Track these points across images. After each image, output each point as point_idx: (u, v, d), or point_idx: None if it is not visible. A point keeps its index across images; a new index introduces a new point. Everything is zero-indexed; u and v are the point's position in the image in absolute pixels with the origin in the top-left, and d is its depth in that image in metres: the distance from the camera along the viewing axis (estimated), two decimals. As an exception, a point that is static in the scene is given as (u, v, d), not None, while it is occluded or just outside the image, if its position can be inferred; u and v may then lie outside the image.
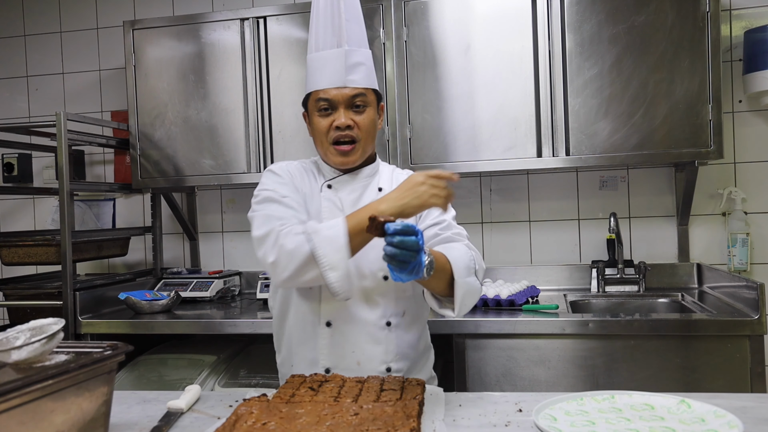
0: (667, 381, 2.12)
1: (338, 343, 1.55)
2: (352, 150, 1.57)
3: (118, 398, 1.28)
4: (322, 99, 1.56)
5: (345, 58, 1.54)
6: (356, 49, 1.57)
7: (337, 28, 1.55)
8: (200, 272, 3.08)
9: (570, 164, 2.53)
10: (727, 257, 2.78)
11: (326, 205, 1.60)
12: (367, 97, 1.58)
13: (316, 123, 1.59)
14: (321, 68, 1.56)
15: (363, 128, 1.57)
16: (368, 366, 1.55)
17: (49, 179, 3.39)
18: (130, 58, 2.89)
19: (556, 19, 2.50)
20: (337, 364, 1.56)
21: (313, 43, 1.60)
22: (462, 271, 1.43)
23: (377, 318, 1.55)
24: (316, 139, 1.62)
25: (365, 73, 1.58)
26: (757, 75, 2.62)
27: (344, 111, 1.55)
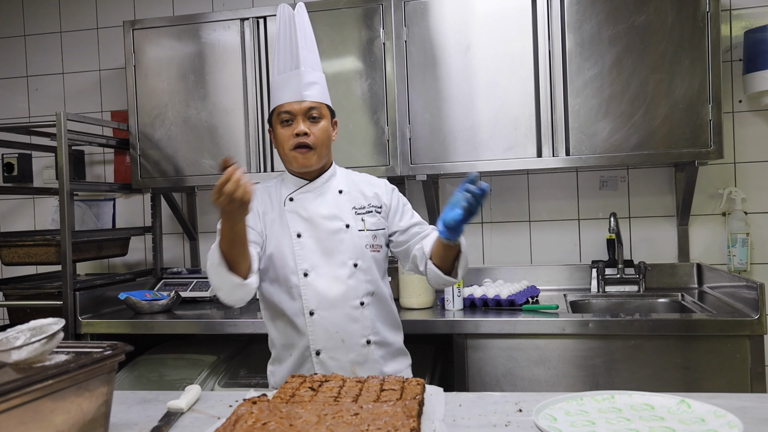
0: (667, 381, 2.12)
1: (322, 328, 1.78)
2: (310, 153, 1.79)
3: (118, 398, 1.28)
4: (283, 112, 1.79)
5: (301, 78, 1.79)
6: (310, 71, 1.82)
7: (295, 54, 1.80)
8: (200, 272, 3.08)
9: (570, 164, 2.53)
10: (727, 257, 2.78)
11: (291, 217, 1.82)
12: (321, 110, 1.81)
13: (280, 134, 1.81)
14: (282, 87, 1.81)
15: (318, 136, 1.79)
16: (351, 341, 1.79)
17: (49, 179, 3.39)
18: (130, 58, 2.89)
19: (556, 19, 2.50)
20: (326, 345, 1.78)
21: (275, 68, 1.85)
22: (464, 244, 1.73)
23: (351, 299, 1.79)
24: (280, 149, 1.83)
25: (319, 91, 1.82)
26: (757, 75, 2.62)
27: (302, 121, 1.78)
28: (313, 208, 1.82)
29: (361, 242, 1.81)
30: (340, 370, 1.77)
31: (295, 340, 1.81)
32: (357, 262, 1.80)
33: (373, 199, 1.88)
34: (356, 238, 1.81)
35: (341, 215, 1.82)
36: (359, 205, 1.85)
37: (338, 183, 1.88)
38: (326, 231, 1.80)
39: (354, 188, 1.89)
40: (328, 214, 1.81)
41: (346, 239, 1.80)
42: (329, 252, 1.80)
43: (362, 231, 1.82)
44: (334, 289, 1.78)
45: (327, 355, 1.78)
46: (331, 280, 1.78)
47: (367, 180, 1.94)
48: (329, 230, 1.80)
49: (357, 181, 1.92)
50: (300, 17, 1.85)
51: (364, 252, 1.81)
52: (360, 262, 1.80)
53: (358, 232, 1.82)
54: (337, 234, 1.80)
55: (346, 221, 1.82)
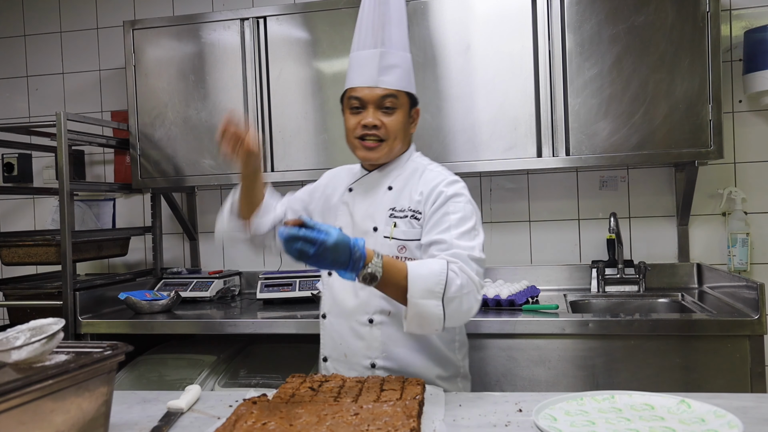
0: (667, 381, 2.12)
1: (330, 335, 1.67)
2: (378, 147, 1.60)
3: (118, 398, 1.28)
4: (353, 97, 1.60)
5: (379, 59, 1.57)
6: (393, 51, 1.59)
7: (378, 30, 1.59)
8: (200, 272, 3.08)
9: (570, 164, 2.53)
10: (727, 257, 2.78)
11: (342, 209, 1.68)
12: (398, 99, 1.59)
13: (347, 120, 1.63)
14: (357, 67, 1.61)
15: (390, 130, 1.59)
16: (353, 359, 1.61)
17: (49, 179, 3.38)
18: (130, 58, 2.89)
19: (556, 19, 2.50)
20: (331, 354, 1.68)
21: (354, 42, 1.65)
22: (418, 291, 1.36)
23: (359, 314, 1.61)
24: (347, 136, 1.65)
25: (399, 76, 1.60)
26: (757, 75, 2.62)
27: (373, 111, 1.58)
28: (359, 202, 1.65)
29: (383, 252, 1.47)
30: None
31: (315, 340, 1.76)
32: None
33: (417, 203, 1.60)
34: (380, 246, 1.56)
35: (375, 216, 1.62)
36: (399, 207, 1.61)
37: (395, 177, 1.65)
38: (357, 230, 1.62)
39: (408, 186, 1.63)
40: (366, 212, 1.63)
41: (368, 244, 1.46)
42: None
43: (387, 238, 1.57)
44: (344, 298, 1.62)
45: (332, 365, 1.67)
46: (345, 287, 1.61)
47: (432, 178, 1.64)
48: (359, 231, 1.62)
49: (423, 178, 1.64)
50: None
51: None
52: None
53: (382, 239, 1.58)
54: (363, 236, 1.55)
55: (377, 223, 1.61)
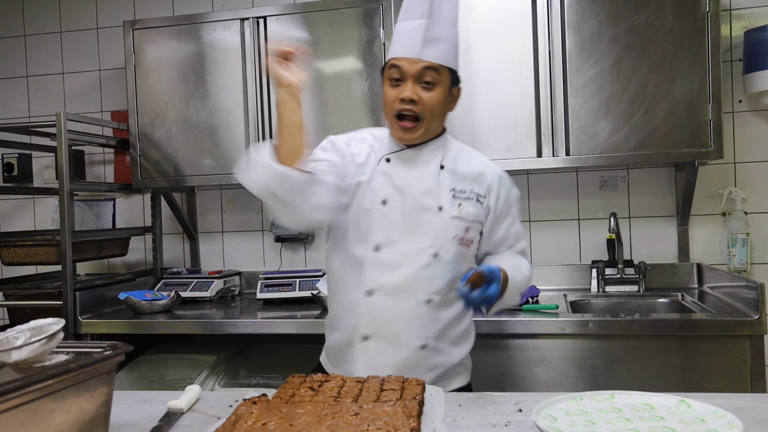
0: (667, 381, 2.12)
1: (376, 313, 1.57)
2: (414, 128, 1.55)
3: (118, 398, 1.28)
4: (394, 66, 1.54)
5: (424, 31, 1.51)
6: (440, 24, 1.53)
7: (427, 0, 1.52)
8: (200, 272, 3.08)
9: (570, 164, 2.53)
10: (727, 257, 2.78)
11: (382, 180, 1.58)
12: (439, 75, 1.53)
13: (385, 92, 1.57)
14: (401, 37, 1.55)
15: (428, 106, 1.53)
16: (404, 339, 1.56)
17: (49, 179, 3.39)
18: (130, 58, 2.89)
19: (556, 19, 2.50)
20: (375, 333, 1.57)
21: (402, 12, 1.58)
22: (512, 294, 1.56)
23: (420, 293, 1.56)
24: (384, 109, 1.60)
25: (443, 50, 1.53)
26: (757, 75, 2.62)
27: (412, 84, 1.52)
28: (406, 175, 1.57)
29: (450, 231, 1.56)
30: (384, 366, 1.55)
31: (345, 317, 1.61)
32: (438, 252, 1.55)
33: (477, 185, 1.61)
34: (446, 225, 1.55)
35: (437, 194, 1.57)
36: (460, 188, 1.59)
37: (443, 157, 1.61)
38: (416, 206, 1.56)
39: (461, 167, 1.62)
40: (424, 189, 1.57)
41: (433, 222, 1.55)
42: (411, 231, 1.55)
43: (455, 218, 1.56)
44: (402, 276, 1.55)
45: (375, 345, 1.57)
46: (403, 264, 1.55)
47: (482, 162, 1.66)
48: (419, 206, 1.56)
49: (469, 159, 1.64)
50: None
51: (449, 243, 1.56)
52: (442, 252, 1.55)
53: (449, 219, 1.56)
54: (425, 213, 1.55)
55: (441, 203, 1.56)
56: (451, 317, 1.62)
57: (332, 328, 1.69)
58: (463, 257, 1.61)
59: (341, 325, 1.64)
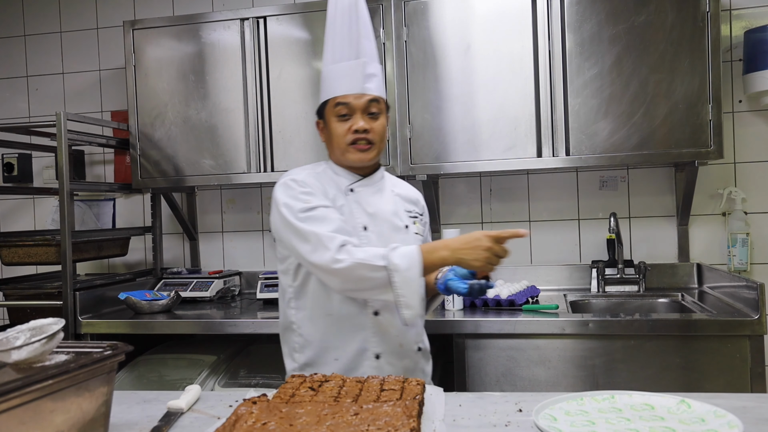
0: (667, 381, 2.12)
1: (385, 330, 1.70)
2: (369, 149, 1.70)
3: (118, 398, 1.28)
4: (341, 104, 1.68)
5: (363, 69, 1.69)
6: (371, 62, 1.72)
7: (354, 43, 1.70)
8: (200, 272, 3.08)
9: (570, 164, 2.53)
10: (727, 257, 2.78)
11: (354, 208, 1.72)
12: (381, 105, 1.72)
13: (335, 128, 1.70)
14: (340, 77, 1.70)
15: (378, 132, 1.71)
16: (407, 347, 1.73)
17: (49, 179, 3.39)
18: (130, 58, 2.89)
19: (556, 19, 2.50)
20: (385, 348, 1.70)
21: (329, 56, 1.74)
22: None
23: None
24: (334, 144, 1.72)
25: (379, 84, 1.73)
26: (757, 75, 2.62)
27: (361, 116, 1.68)
28: (375, 202, 1.74)
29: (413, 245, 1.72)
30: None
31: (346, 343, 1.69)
32: None
33: (415, 207, 1.84)
34: (412, 241, 1.72)
35: (400, 215, 1.76)
36: (408, 209, 1.80)
37: (390, 184, 1.83)
38: (390, 228, 1.72)
39: (401, 192, 1.83)
40: (390, 211, 1.74)
41: (405, 240, 1.70)
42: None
43: (417, 234, 1.76)
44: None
45: (386, 359, 1.70)
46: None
47: (408, 186, 1.89)
48: (393, 227, 1.73)
49: (400, 185, 1.87)
50: (361, 5, 1.73)
51: None
52: None
53: (414, 236, 1.75)
54: (398, 233, 1.73)
55: (405, 222, 1.76)
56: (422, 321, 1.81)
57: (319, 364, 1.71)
58: None
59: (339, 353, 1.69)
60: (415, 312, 1.54)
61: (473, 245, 1.51)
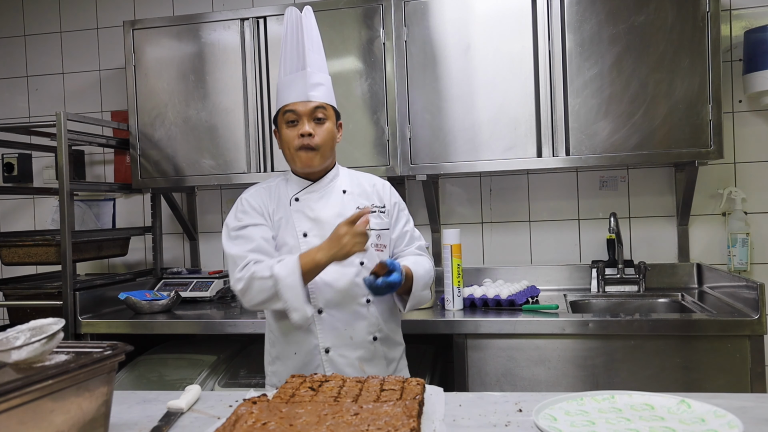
0: (667, 381, 2.12)
1: (331, 325, 1.81)
2: (314, 155, 1.82)
3: (118, 398, 1.28)
4: (289, 111, 1.82)
5: (307, 78, 1.81)
6: (316, 72, 1.84)
7: (301, 56, 1.83)
8: (200, 272, 3.08)
9: (570, 164, 2.53)
10: (727, 257, 2.78)
11: (297, 216, 1.85)
12: (327, 111, 1.83)
13: (285, 134, 1.84)
14: (288, 88, 1.84)
15: (322, 137, 1.82)
16: (359, 338, 1.82)
17: (49, 179, 3.39)
18: (130, 58, 2.89)
19: (556, 19, 2.50)
20: (334, 342, 1.81)
21: (281, 69, 1.87)
22: (419, 287, 1.83)
23: (359, 297, 1.83)
24: (285, 149, 1.86)
25: (325, 92, 1.85)
26: (757, 75, 2.62)
27: (308, 121, 1.80)
28: (318, 208, 1.85)
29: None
30: (348, 366, 1.80)
31: (301, 339, 1.81)
32: (363, 260, 1.81)
33: (376, 199, 1.91)
34: None
35: (346, 215, 1.82)
36: (363, 205, 1.87)
37: (342, 183, 1.91)
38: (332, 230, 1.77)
39: (357, 188, 1.92)
40: (333, 214, 1.83)
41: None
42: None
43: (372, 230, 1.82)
44: (342, 287, 1.80)
45: (336, 352, 1.80)
46: (338, 279, 1.80)
47: (369, 180, 1.97)
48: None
49: (360, 181, 1.95)
50: (307, 20, 1.86)
51: (369, 251, 1.81)
52: (366, 260, 1.82)
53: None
54: None
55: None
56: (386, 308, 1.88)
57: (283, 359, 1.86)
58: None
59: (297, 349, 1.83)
60: (302, 314, 1.68)
61: (335, 238, 1.67)
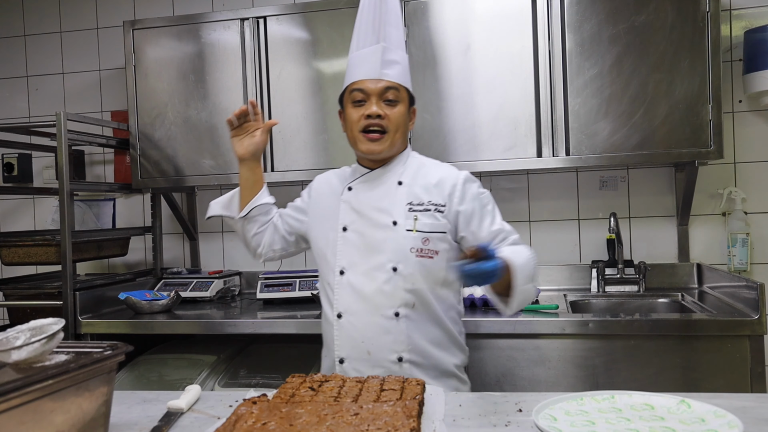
0: (667, 381, 2.12)
1: (348, 334, 1.63)
2: (381, 139, 1.63)
3: (118, 398, 1.28)
4: (356, 89, 1.64)
5: (382, 54, 1.63)
6: (393, 48, 1.66)
7: (377, 29, 1.65)
8: (200, 272, 3.08)
9: (570, 164, 2.53)
10: (727, 257, 2.78)
11: (343, 207, 1.69)
12: (399, 93, 1.65)
13: (349, 114, 1.66)
14: (359, 64, 1.66)
15: (393, 120, 1.63)
16: (379, 355, 1.61)
17: (49, 179, 3.39)
18: (130, 58, 2.89)
19: (556, 19, 2.50)
20: (349, 354, 1.63)
21: (354, 44, 1.71)
22: (522, 279, 1.43)
23: (385, 308, 1.61)
24: (348, 130, 1.69)
25: (400, 71, 1.66)
26: (757, 75, 2.62)
27: (377, 101, 1.62)
28: (365, 198, 1.67)
29: (406, 244, 1.61)
30: None
31: (328, 342, 1.70)
32: (397, 266, 1.60)
33: (436, 196, 1.65)
34: (401, 239, 1.61)
35: (391, 210, 1.64)
36: (417, 201, 1.64)
37: (402, 173, 1.69)
38: (372, 225, 1.64)
39: (419, 181, 1.67)
40: (378, 207, 1.65)
41: (390, 238, 1.61)
42: (370, 250, 1.62)
43: (410, 231, 1.61)
44: (366, 294, 1.61)
45: (350, 365, 1.63)
46: (365, 283, 1.62)
47: (441, 173, 1.70)
48: (375, 224, 1.64)
49: (429, 173, 1.70)
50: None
51: (407, 256, 1.60)
52: (401, 266, 1.60)
53: (405, 233, 1.61)
54: (381, 230, 1.62)
55: (395, 218, 1.63)
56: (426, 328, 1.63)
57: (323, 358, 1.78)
58: (428, 270, 1.63)
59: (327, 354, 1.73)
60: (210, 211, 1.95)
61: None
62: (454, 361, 1.69)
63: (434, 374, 1.64)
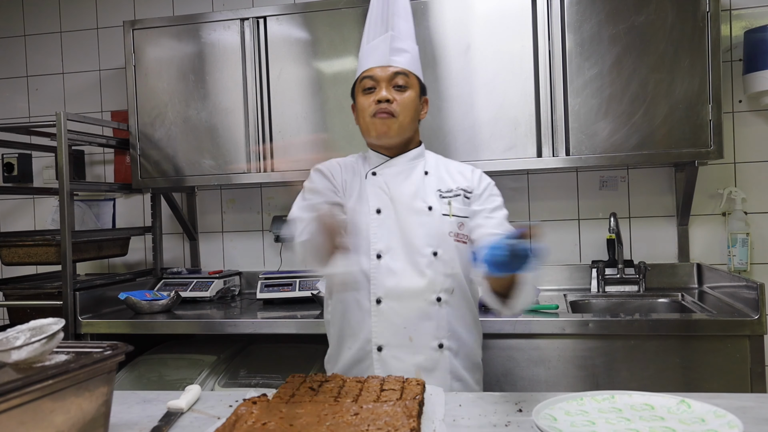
0: (667, 381, 2.12)
1: (389, 320, 1.59)
2: (391, 121, 1.62)
3: (118, 398, 1.28)
4: (366, 77, 1.65)
5: (390, 42, 1.65)
6: (402, 37, 1.68)
7: (386, 21, 1.68)
8: (200, 272, 3.08)
9: (570, 164, 2.53)
10: (727, 257, 2.78)
11: (372, 191, 1.66)
12: (409, 79, 1.65)
13: (360, 102, 1.66)
14: (368, 54, 1.68)
15: (402, 104, 1.62)
16: (421, 342, 1.59)
17: (49, 179, 3.39)
18: (130, 58, 2.89)
19: (556, 19, 2.50)
20: (390, 341, 1.59)
21: (364, 38, 1.73)
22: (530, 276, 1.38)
23: (428, 293, 1.60)
24: (360, 120, 1.68)
25: (409, 59, 1.67)
26: (757, 75, 2.62)
27: (386, 87, 1.62)
28: (395, 184, 1.65)
29: (444, 228, 1.62)
30: (403, 373, 1.54)
31: (357, 331, 1.62)
32: (437, 250, 1.60)
33: (462, 182, 1.69)
34: (438, 223, 1.62)
35: (425, 197, 1.64)
36: (446, 188, 1.66)
37: (425, 165, 1.71)
38: (407, 211, 1.62)
39: (442, 171, 1.71)
40: (412, 193, 1.64)
41: (427, 223, 1.61)
42: (408, 235, 1.61)
43: (446, 216, 1.62)
44: (408, 278, 1.59)
45: (390, 353, 1.59)
46: (406, 267, 1.59)
47: (458, 166, 1.75)
48: (411, 210, 1.62)
49: (449, 166, 1.74)
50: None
51: (446, 239, 1.61)
52: (440, 251, 1.60)
53: (441, 217, 1.62)
54: (418, 216, 1.62)
55: (429, 203, 1.63)
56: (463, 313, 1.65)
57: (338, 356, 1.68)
58: (462, 255, 1.63)
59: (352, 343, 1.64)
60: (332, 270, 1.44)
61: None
62: (480, 353, 1.73)
63: (466, 364, 1.65)
